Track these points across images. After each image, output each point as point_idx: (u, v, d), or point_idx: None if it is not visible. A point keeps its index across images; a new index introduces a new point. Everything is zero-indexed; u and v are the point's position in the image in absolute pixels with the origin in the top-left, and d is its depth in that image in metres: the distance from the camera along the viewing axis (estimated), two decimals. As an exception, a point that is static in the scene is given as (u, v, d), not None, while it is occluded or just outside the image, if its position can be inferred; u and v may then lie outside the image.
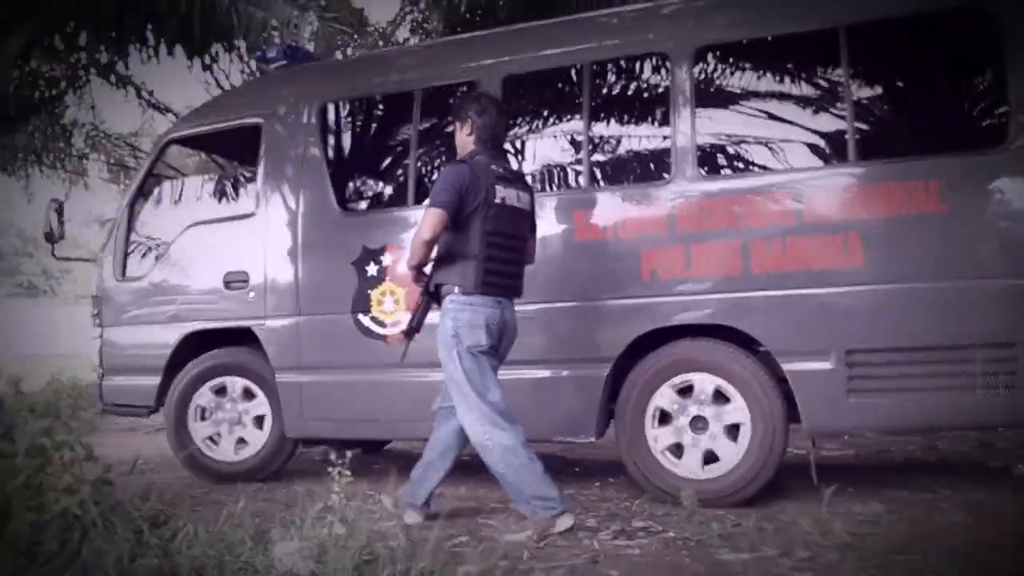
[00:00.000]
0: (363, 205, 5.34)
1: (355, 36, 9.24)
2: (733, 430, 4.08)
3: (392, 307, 4.68)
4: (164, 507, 3.65)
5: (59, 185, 11.18)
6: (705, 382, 4.12)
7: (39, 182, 11.10)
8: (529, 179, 4.42)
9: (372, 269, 4.76)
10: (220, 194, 7.00)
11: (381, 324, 4.72)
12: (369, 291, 4.75)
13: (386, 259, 4.72)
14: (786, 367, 3.99)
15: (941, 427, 4.79)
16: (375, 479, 4.57)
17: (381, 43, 9.81)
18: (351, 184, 5.51)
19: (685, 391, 4.17)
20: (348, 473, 3.15)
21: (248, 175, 5.94)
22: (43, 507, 3.11)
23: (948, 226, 3.80)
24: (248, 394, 5.17)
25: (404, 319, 4.13)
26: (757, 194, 4.10)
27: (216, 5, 6.19)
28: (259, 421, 5.15)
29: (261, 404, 5.14)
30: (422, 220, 3.61)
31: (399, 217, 4.87)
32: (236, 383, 5.18)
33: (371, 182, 5.67)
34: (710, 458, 4.11)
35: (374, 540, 3.00)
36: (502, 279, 3.68)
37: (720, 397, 4.10)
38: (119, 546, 2.99)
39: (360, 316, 4.76)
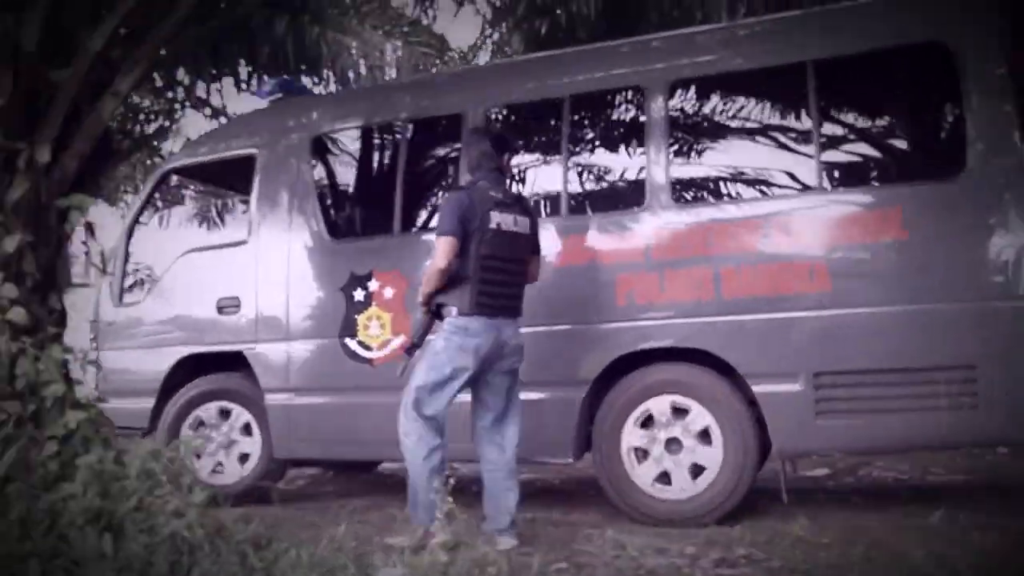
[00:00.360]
0: (351, 233, 5.46)
1: (437, 60, 9.38)
2: (706, 451, 4.16)
3: (378, 331, 4.79)
4: (265, 530, 3.71)
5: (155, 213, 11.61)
6: (679, 404, 4.22)
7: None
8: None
9: (359, 295, 4.88)
10: (214, 222, 7.20)
11: (367, 348, 4.83)
12: (356, 316, 4.87)
13: (373, 285, 4.84)
14: (756, 389, 4.08)
15: (906, 448, 4.81)
16: (470, 504, 4.57)
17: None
18: (340, 212, 5.62)
19: (660, 413, 4.24)
20: (450, 500, 3.16)
21: (242, 204, 6.08)
22: (154, 529, 3.20)
23: (910, 252, 3.91)
24: (243, 422, 5.28)
25: (391, 343, 4.43)
26: (728, 222, 4.23)
27: (306, 34, 6.36)
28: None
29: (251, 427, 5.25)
30: (435, 250, 3.75)
31: (386, 245, 5.02)
32: (227, 407, 5.29)
33: (359, 211, 5.84)
34: (683, 479, 4.18)
35: (475, 567, 2.99)
36: (498, 300, 3.81)
37: (694, 419, 4.18)
38: (226, 569, 3.05)
39: (347, 340, 4.88)
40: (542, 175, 5.07)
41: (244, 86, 7.32)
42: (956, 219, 3.88)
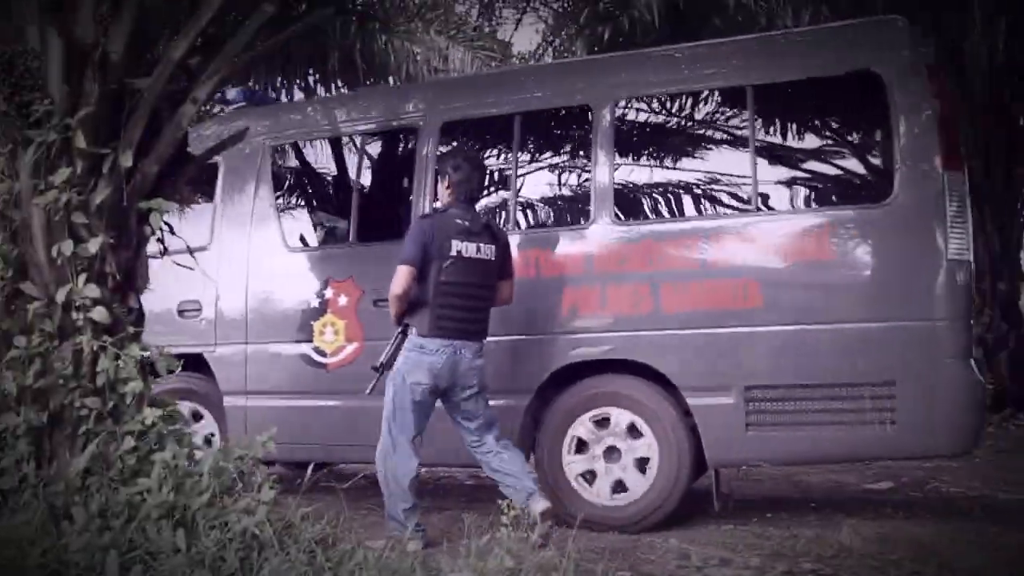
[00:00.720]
0: (309, 241, 5.59)
1: (500, 64, 9.44)
2: (642, 461, 4.32)
3: (332, 338, 4.94)
4: (331, 529, 3.77)
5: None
6: (619, 415, 4.38)
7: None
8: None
9: (315, 302, 5.03)
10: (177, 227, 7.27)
11: (322, 354, 4.99)
12: (312, 322, 5.01)
13: (328, 292, 4.98)
14: (691, 401, 4.26)
15: (832, 460, 5.00)
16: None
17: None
18: (299, 221, 5.74)
19: (601, 422, 4.41)
20: (517, 506, 3.18)
21: (205, 209, 6.18)
22: (225, 526, 3.27)
23: (837, 272, 4.14)
24: (198, 418, 5.41)
25: (345, 349, 4.70)
26: (668, 239, 4.46)
27: (375, 41, 6.46)
28: (208, 444, 5.29)
29: (210, 426, 5.37)
30: (394, 277, 4.01)
31: (342, 254, 5.24)
32: (185, 407, 5.35)
33: (318, 219, 5.94)
34: (620, 486, 4.35)
35: (541, 572, 3.00)
36: (457, 323, 4.05)
37: (632, 429, 4.35)
38: (296, 567, 3.11)
39: (303, 345, 5.02)
40: (494, 190, 5.17)
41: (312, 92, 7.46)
42: (881, 242, 4.10)
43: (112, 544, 3.07)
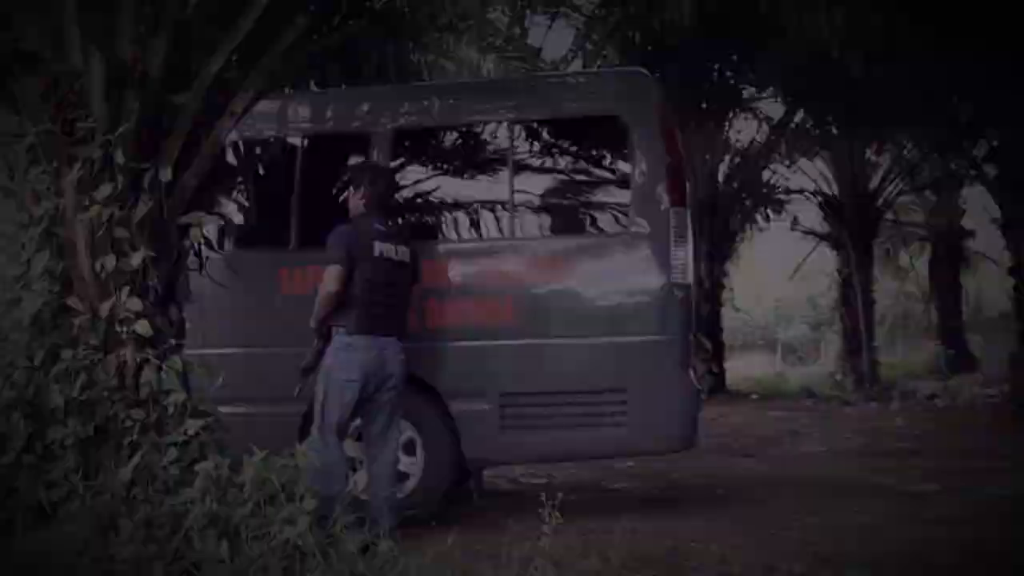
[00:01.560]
0: None
1: (529, 70, 9.48)
2: (409, 461, 4.70)
3: None
4: (373, 538, 3.78)
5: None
6: None
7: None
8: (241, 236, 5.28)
9: None
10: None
11: None
12: None
13: None
14: (452, 406, 4.70)
15: (576, 458, 5.55)
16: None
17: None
18: None
19: None
20: (559, 514, 3.17)
21: None
22: (269, 535, 3.30)
23: (580, 292, 4.74)
24: None
25: None
26: (434, 259, 4.82)
27: (408, 55, 6.52)
28: None
29: None
30: (324, 278, 4.14)
31: None
32: None
33: None
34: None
35: (582, 581, 2.99)
36: (382, 321, 4.22)
37: (401, 432, 4.56)
38: (338, 576, 3.13)
39: None
40: (275, 209, 5.29)
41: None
42: (617, 267, 4.71)
43: (158, 554, 3.11)
